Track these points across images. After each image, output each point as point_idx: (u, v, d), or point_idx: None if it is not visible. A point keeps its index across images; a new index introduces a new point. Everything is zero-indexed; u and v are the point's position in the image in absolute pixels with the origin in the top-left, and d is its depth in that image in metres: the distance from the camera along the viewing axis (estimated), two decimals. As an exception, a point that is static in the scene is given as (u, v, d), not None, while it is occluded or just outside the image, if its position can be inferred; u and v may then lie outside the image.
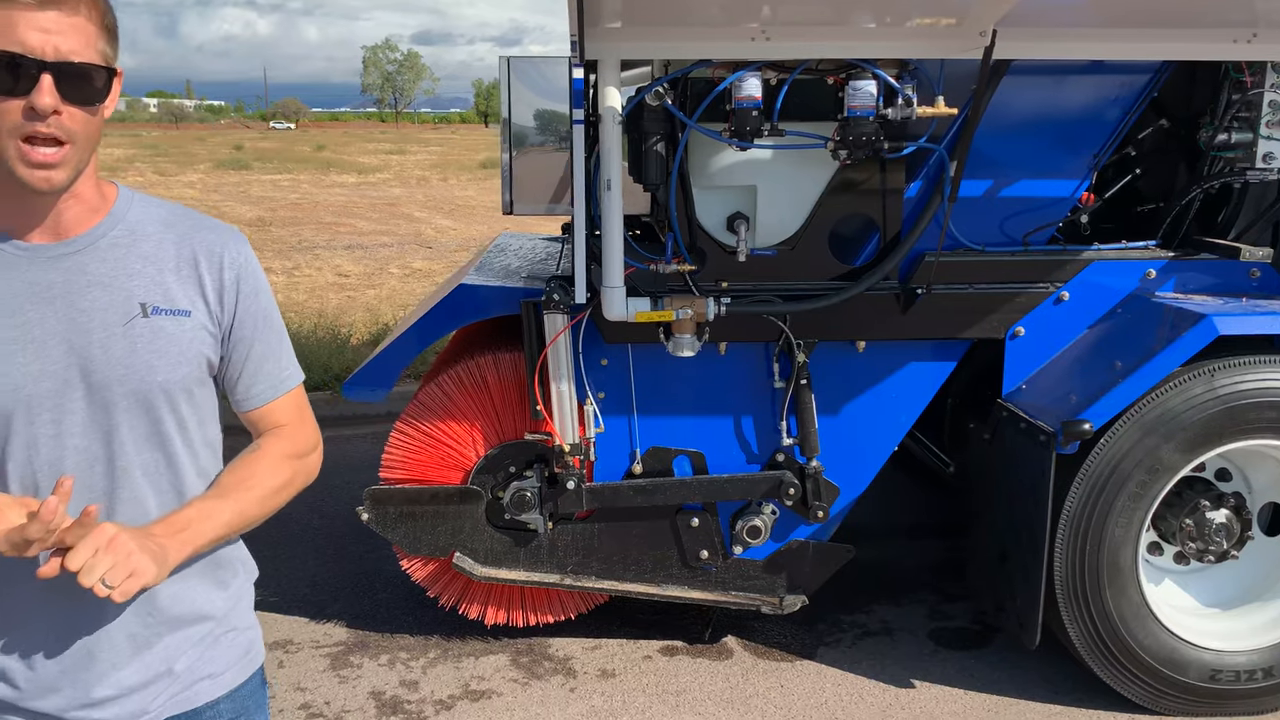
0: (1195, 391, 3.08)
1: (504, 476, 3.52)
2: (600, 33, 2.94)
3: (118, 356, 1.42)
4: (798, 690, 3.47)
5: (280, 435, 1.60)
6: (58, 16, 1.31)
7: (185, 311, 1.48)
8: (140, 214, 1.49)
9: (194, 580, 1.53)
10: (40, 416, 1.40)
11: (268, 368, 1.58)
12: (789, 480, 3.47)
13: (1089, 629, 3.21)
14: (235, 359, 1.55)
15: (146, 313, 1.45)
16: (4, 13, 1.29)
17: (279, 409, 1.60)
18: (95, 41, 1.36)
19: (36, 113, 1.31)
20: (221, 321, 1.52)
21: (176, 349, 1.46)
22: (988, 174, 3.39)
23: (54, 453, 1.41)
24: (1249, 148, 3.31)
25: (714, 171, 3.34)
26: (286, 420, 1.61)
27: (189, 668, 1.53)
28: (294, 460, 1.59)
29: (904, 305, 3.37)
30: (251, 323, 1.55)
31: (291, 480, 1.58)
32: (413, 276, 11.02)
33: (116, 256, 1.45)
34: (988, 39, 2.81)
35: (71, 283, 1.42)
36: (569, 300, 3.26)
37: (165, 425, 1.48)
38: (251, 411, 1.59)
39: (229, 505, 1.48)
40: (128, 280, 1.45)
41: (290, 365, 1.63)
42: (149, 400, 1.45)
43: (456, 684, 3.50)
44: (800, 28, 2.98)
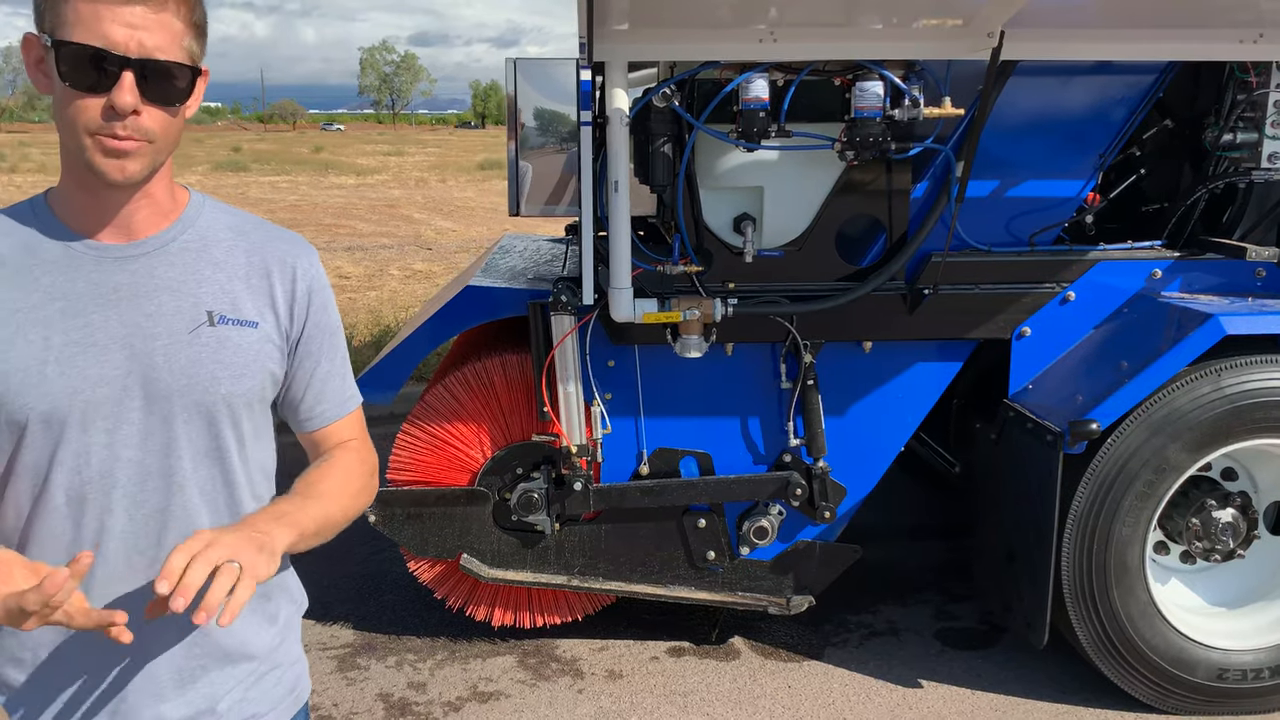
0: (1202, 391, 3.08)
1: (511, 478, 3.52)
2: (608, 34, 2.94)
3: (181, 365, 1.36)
4: (805, 691, 3.47)
5: (350, 449, 1.54)
6: (144, 11, 1.25)
7: (253, 323, 1.42)
8: (211, 220, 1.45)
9: (247, 612, 1.44)
10: (95, 425, 1.33)
11: (334, 385, 1.53)
12: (796, 481, 3.48)
13: (1097, 628, 3.21)
14: (301, 375, 1.49)
15: (213, 321, 1.39)
16: (89, 5, 1.23)
17: (343, 429, 1.54)
18: (182, 39, 1.30)
19: (115, 111, 1.25)
20: (290, 335, 1.47)
21: (241, 361, 1.40)
22: (994, 174, 3.40)
23: (106, 464, 1.34)
24: (1254, 148, 3.32)
25: (721, 172, 3.34)
26: (352, 436, 1.56)
27: (232, 708, 1.45)
28: (366, 474, 1.54)
29: (910, 306, 3.37)
30: (320, 338, 1.50)
31: (364, 489, 1.52)
32: (413, 278, 11.01)
33: (186, 261, 1.40)
34: (995, 40, 2.81)
35: (139, 285, 1.36)
36: (576, 301, 3.27)
37: (225, 440, 1.41)
38: (315, 431, 1.53)
39: (313, 504, 1.41)
40: (196, 287, 1.39)
41: (353, 386, 1.58)
42: (210, 413, 1.39)
43: (464, 685, 3.50)
44: (807, 29, 2.98)
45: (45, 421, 1.31)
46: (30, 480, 1.33)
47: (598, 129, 3.21)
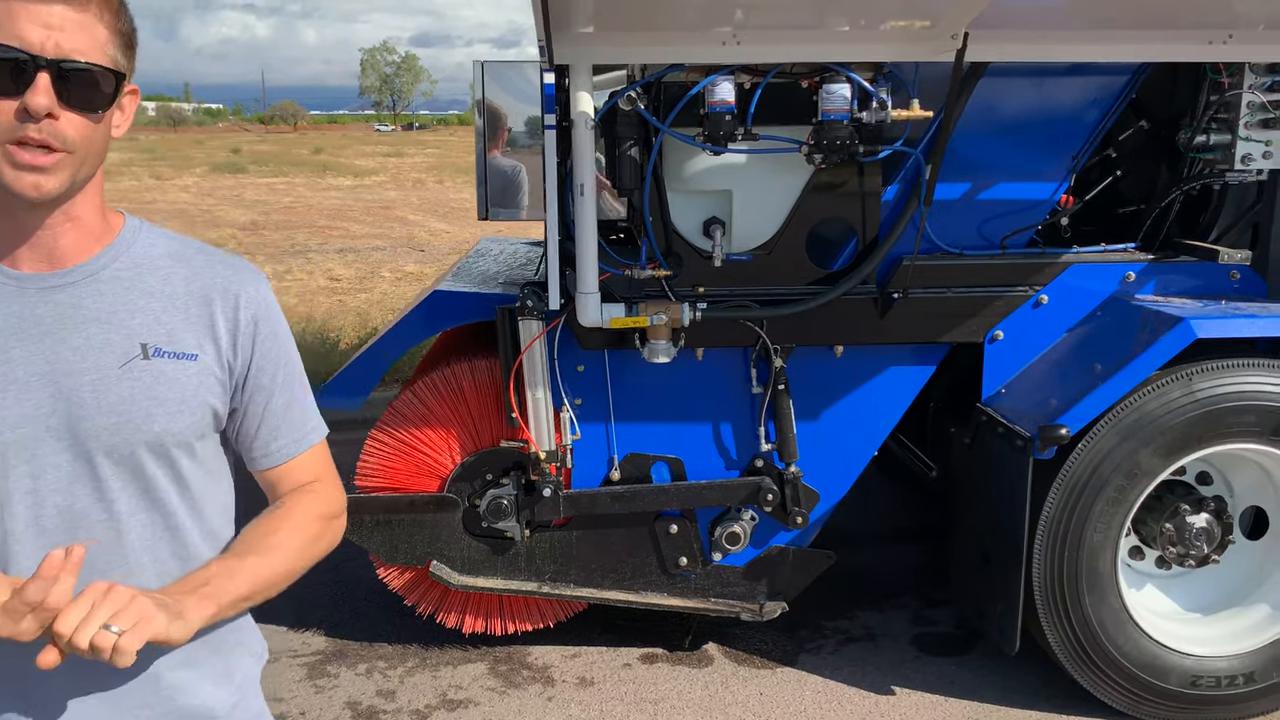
0: (1173, 395, 3.05)
1: (481, 484, 3.49)
2: (571, 37, 2.91)
3: (110, 403, 1.27)
4: (777, 698, 3.45)
5: (308, 492, 1.44)
6: (64, 11, 1.19)
7: (191, 355, 1.33)
8: (148, 246, 1.36)
9: (203, 668, 1.38)
10: (16, 468, 1.24)
11: (290, 420, 1.43)
12: (768, 486, 3.45)
13: (1068, 635, 3.18)
14: (253, 411, 1.40)
15: (147, 354, 1.30)
16: (3, 4, 1.17)
17: (302, 467, 1.44)
18: (106, 45, 1.23)
19: (29, 114, 1.17)
20: (234, 368, 1.37)
21: (178, 396, 1.31)
22: (965, 177, 3.37)
23: (31, 511, 1.25)
24: (1228, 149, 3.28)
25: (689, 176, 3.31)
26: (313, 477, 1.45)
27: None
28: (323, 520, 1.43)
29: (881, 310, 3.34)
30: (271, 370, 1.40)
31: (319, 537, 1.41)
32: (404, 280, 11.00)
33: (117, 291, 1.30)
34: (959, 41, 2.78)
35: (64, 318, 1.27)
36: (543, 306, 3.24)
37: (160, 482, 1.32)
38: (271, 470, 1.43)
39: (253, 564, 1.31)
40: (129, 318, 1.30)
41: (314, 418, 1.48)
42: (144, 453, 1.30)
43: (434, 693, 3.48)
44: (772, 31, 2.95)
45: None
46: None
47: (563, 132, 3.18)
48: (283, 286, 10.61)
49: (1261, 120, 3.22)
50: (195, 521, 1.37)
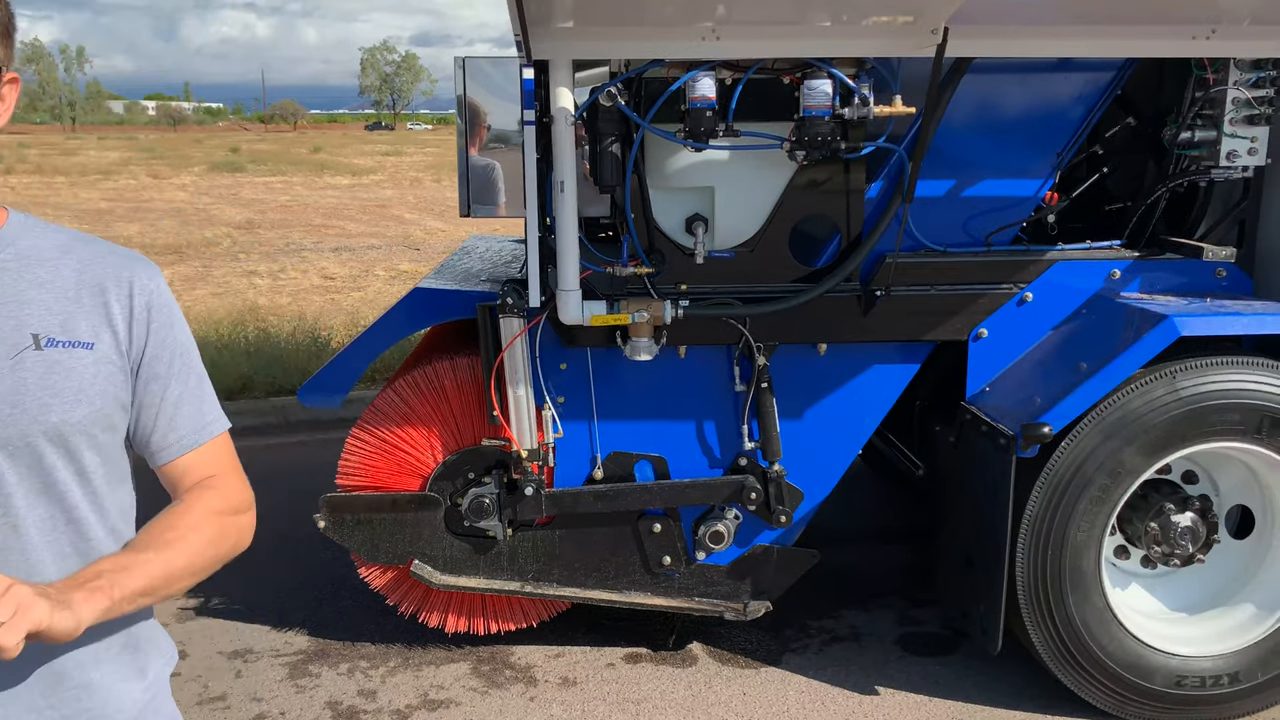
0: (1157, 394, 3.03)
1: (463, 483, 3.47)
2: (550, 32, 2.89)
3: (2, 394, 1.25)
4: (760, 698, 3.43)
5: (208, 487, 1.40)
6: None
7: (87, 344, 1.30)
8: (36, 239, 1.34)
9: (110, 666, 1.35)
10: None
11: (187, 411, 1.40)
12: (751, 485, 3.43)
13: (1052, 635, 3.16)
14: (149, 401, 1.37)
15: (40, 345, 1.27)
16: None
17: (204, 460, 1.41)
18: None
19: None
20: (131, 354, 1.34)
21: (75, 385, 1.28)
22: (949, 173, 3.35)
23: None
24: (1213, 146, 3.26)
25: (670, 173, 3.29)
26: (214, 471, 1.42)
27: None
28: (224, 516, 1.39)
29: (865, 307, 3.32)
30: (168, 358, 1.38)
31: (223, 535, 1.37)
32: (398, 279, 10.98)
33: (5, 283, 1.28)
34: (940, 36, 2.76)
35: None
36: (524, 304, 3.22)
37: (60, 474, 1.29)
38: (172, 463, 1.39)
39: (149, 559, 1.27)
40: (18, 309, 1.28)
41: (214, 411, 1.45)
42: (42, 444, 1.27)
43: (415, 693, 3.46)
44: (753, 26, 2.93)
45: None
46: None
47: (543, 128, 3.16)
48: (277, 285, 10.59)
49: (1246, 116, 3.20)
50: (99, 517, 1.34)
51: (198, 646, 3.73)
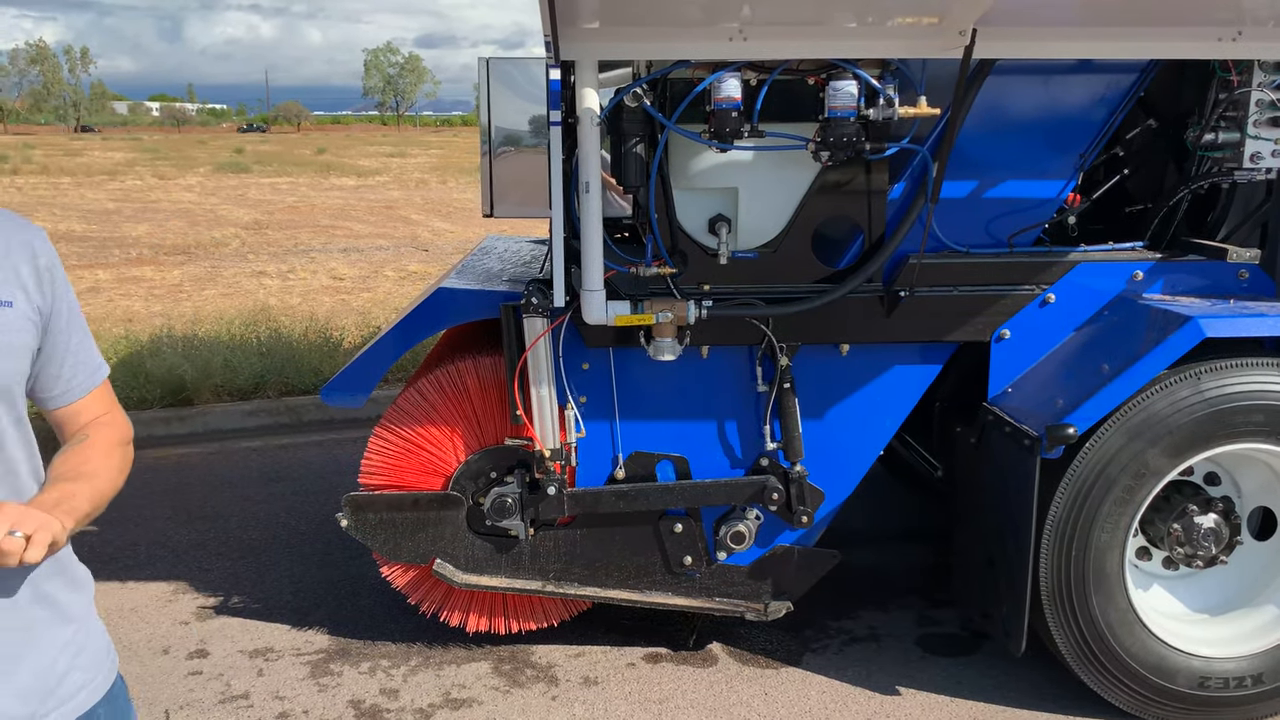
0: (1181, 395, 3.03)
1: (485, 482, 3.48)
2: (577, 33, 2.90)
3: None
4: (782, 698, 3.43)
5: (104, 425, 1.59)
6: None
7: (8, 303, 1.45)
8: None
9: (54, 580, 1.52)
10: None
11: (83, 358, 1.58)
12: (773, 485, 3.43)
13: (1075, 636, 3.17)
14: (55, 352, 1.53)
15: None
16: None
17: (97, 400, 1.60)
18: None
19: None
20: (41, 310, 1.50)
21: (6, 341, 1.44)
22: (972, 175, 3.35)
23: None
24: (1236, 147, 3.27)
25: (694, 173, 3.30)
26: (105, 409, 1.61)
27: (60, 680, 1.50)
28: (123, 446, 1.60)
29: (888, 308, 3.33)
30: (66, 313, 1.54)
31: (124, 464, 1.58)
32: (407, 279, 10.99)
33: None
34: (967, 38, 2.77)
35: None
36: (548, 304, 3.23)
37: (2, 422, 1.44)
38: (70, 404, 1.57)
39: (85, 486, 1.46)
40: None
41: (98, 357, 1.63)
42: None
43: (437, 692, 3.46)
44: (779, 28, 2.94)
45: None
46: None
47: (570, 129, 3.16)
48: (286, 286, 10.61)
49: (1270, 118, 3.20)
50: (29, 461, 1.50)
51: (219, 645, 3.74)
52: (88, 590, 1.61)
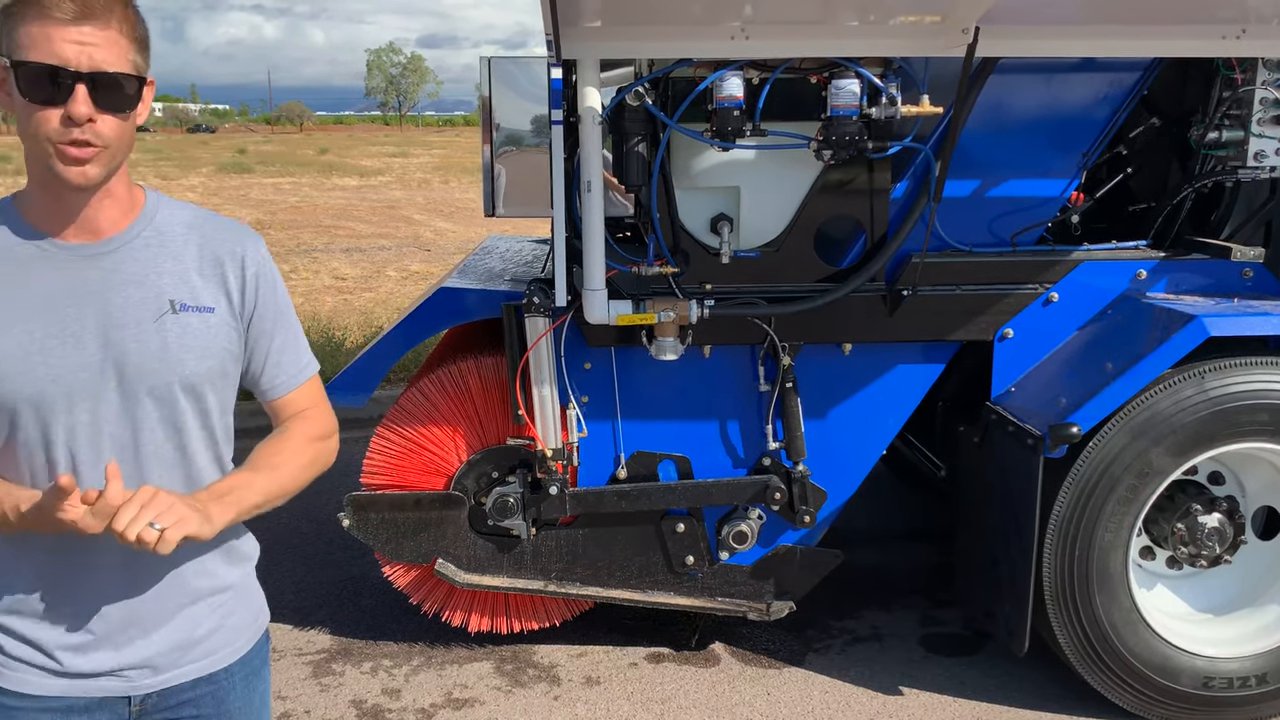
0: (1185, 394, 3.03)
1: (487, 482, 3.48)
2: (579, 32, 2.89)
3: (151, 351, 1.52)
4: (784, 698, 3.42)
5: (303, 419, 1.71)
6: (92, 30, 1.41)
7: (210, 308, 1.57)
8: (167, 216, 1.60)
9: (215, 558, 1.65)
10: (79, 405, 1.50)
11: (288, 358, 1.69)
12: (775, 485, 3.43)
13: (1079, 635, 3.16)
14: (259, 351, 1.66)
15: (175, 309, 1.54)
16: (42, 28, 1.39)
17: (300, 396, 1.72)
18: (127, 53, 1.45)
19: (72, 120, 1.40)
20: (243, 315, 1.62)
21: (202, 343, 1.56)
22: (975, 173, 3.34)
23: (92, 438, 1.51)
24: (1240, 146, 3.26)
25: (696, 172, 3.29)
26: (307, 405, 1.73)
27: (207, 636, 1.64)
28: (317, 441, 1.71)
29: (890, 307, 3.32)
30: (272, 316, 1.66)
31: (315, 459, 1.69)
32: (410, 279, 10.99)
33: (148, 256, 1.55)
34: (970, 36, 2.76)
35: (107, 280, 1.52)
36: (550, 303, 3.22)
37: (186, 416, 1.57)
38: (275, 400, 1.70)
39: (264, 478, 1.59)
40: (158, 279, 1.54)
41: (307, 355, 1.74)
42: (176, 391, 1.55)
43: (439, 692, 3.46)
44: (781, 26, 2.93)
45: (34, 405, 1.48)
46: (30, 455, 1.51)
47: (571, 128, 3.16)
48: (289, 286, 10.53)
49: (1275, 116, 3.19)
50: (209, 448, 1.62)
51: (221, 645, 3.73)
52: (250, 562, 1.75)
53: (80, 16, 1.39)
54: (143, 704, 1.60)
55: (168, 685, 1.61)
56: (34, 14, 1.39)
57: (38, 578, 1.55)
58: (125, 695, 1.59)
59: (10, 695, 1.56)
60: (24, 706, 1.56)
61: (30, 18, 1.39)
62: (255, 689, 1.74)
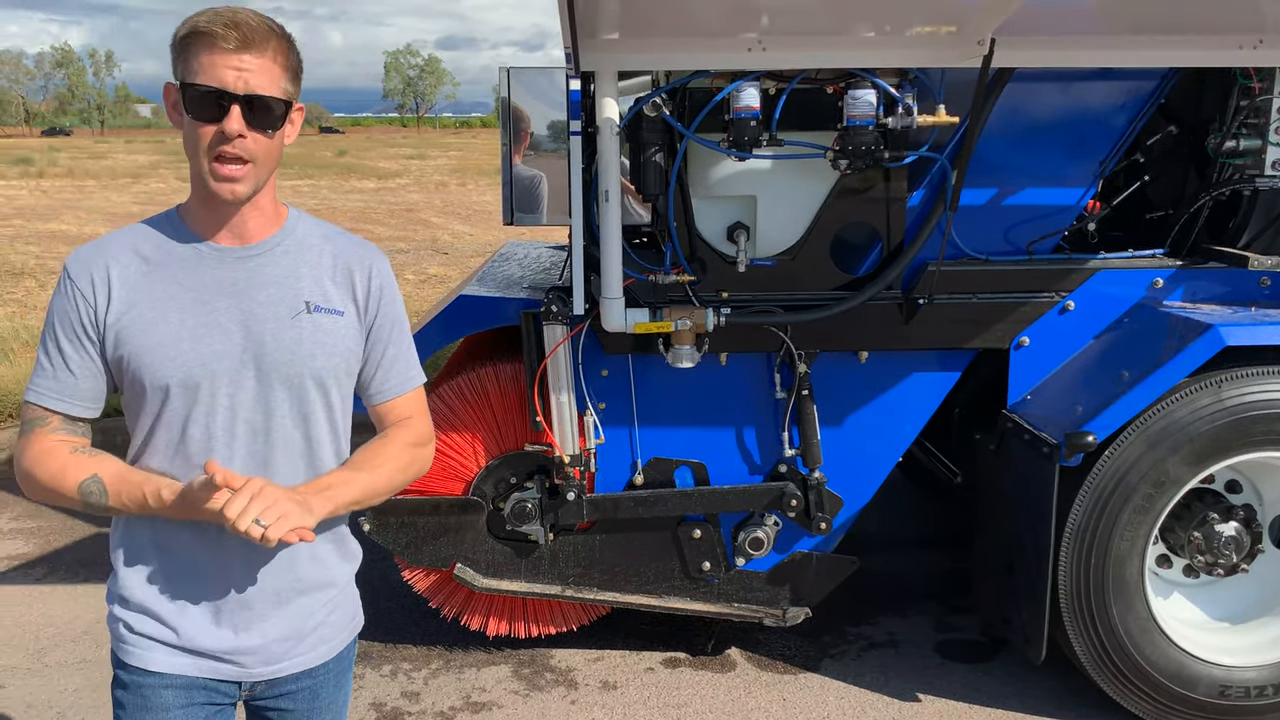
0: (1202, 403, 3.03)
1: (505, 487, 3.51)
2: (597, 44, 2.92)
3: (286, 344, 1.68)
4: (799, 704, 3.44)
5: (404, 426, 1.83)
6: (250, 58, 1.58)
7: (340, 311, 1.74)
8: (307, 229, 1.78)
9: (329, 548, 1.79)
10: (220, 389, 1.66)
11: (399, 366, 1.83)
12: (791, 492, 3.45)
13: (1095, 644, 3.16)
14: (373, 357, 1.80)
15: (310, 310, 1.71)
16: (209, 56, 1.57)
17: (404, 404, 1.84)
18: (279, 79, 1.63)
19: (225, 136, 1.58)
20: (365, 321, 1.77)
21: (332, 341, 1.72)
22: (991, 182, 3.36)
23: (228, 420, 1.66)
24: (1258, 154, 3.26)
25: (713, 182, 3.32)
26: (410, 414, 1.85)
27: (314, 630, 1.77)
28: (414, 448, 1.82)
29: (906, 315, 3.34)
30: (389, 326, 1.80)
31: (411, 464, 1.81)
32: (428, 283, 11.05)
33: (288, 262, 1.72)
34: (986, 47, 2.77)
35: (252, 280, 1.69)
36: (568, 311, 3.25)
37: (315, 407, 1.72)
38: (381, 404, 1.83)
39: (363, 477, 1.72)
40: (296, 282, 1.72)
41: (415, 367, 1.87)
42: (307, 383, 1.70)
43: (458, 695, 3.50)
44: (797, 38, 2.95)
45: (183, 386, 1.64)
46: (170, 432, 1.66)
47: (590, 138, 3.19)
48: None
49: (1292, 125, 3.19)
50: (331, 439, 1.76)
51: (243, 647, 3.78)
52: (356, 562, 1.87)
53: (242, 46, 1.57)
54: (252, 689, 1.75)
55: (277, 675, 1.74)
56: (204, 44, 1.57)
57: (169, 559, 1.69)
58: (238, 680, 1.73)
59: (137, 672, 1.69)
60: (150, 683, 1.69)
61: (201, 47, 1.58)
62: (342, 688, 1.88)
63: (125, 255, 1.68)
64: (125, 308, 1.65)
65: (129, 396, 1.69)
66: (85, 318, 1.65)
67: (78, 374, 1.67)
